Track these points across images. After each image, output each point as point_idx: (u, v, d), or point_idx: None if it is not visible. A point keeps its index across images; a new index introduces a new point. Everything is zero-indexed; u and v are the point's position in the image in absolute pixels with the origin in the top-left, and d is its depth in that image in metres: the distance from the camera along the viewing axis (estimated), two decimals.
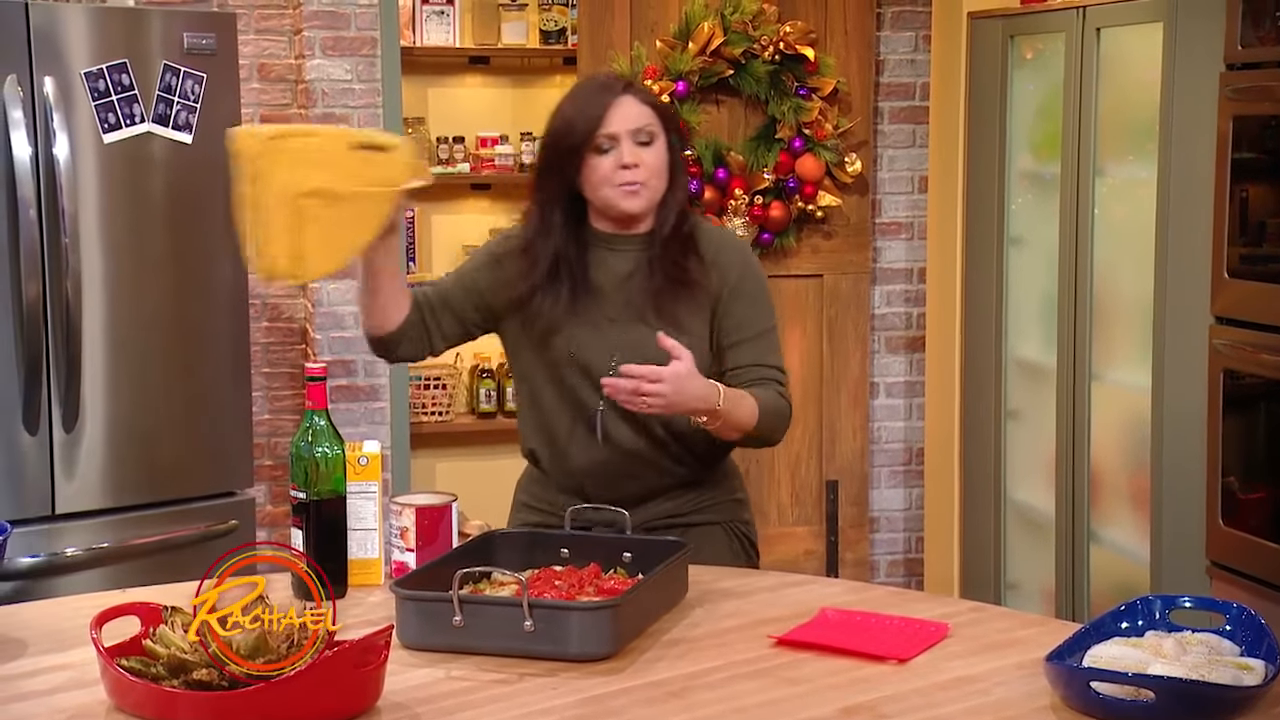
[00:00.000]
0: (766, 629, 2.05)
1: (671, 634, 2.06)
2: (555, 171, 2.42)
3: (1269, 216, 3.28)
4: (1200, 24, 3.33)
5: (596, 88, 2.42)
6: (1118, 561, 3.79)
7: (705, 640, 2.04)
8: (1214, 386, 3.31)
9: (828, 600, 2.17)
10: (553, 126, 2.42)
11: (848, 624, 2.06)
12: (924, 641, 1.99)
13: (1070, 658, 1.83)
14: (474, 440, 5.25)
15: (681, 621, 2.11)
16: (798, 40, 4.46)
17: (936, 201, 4.56)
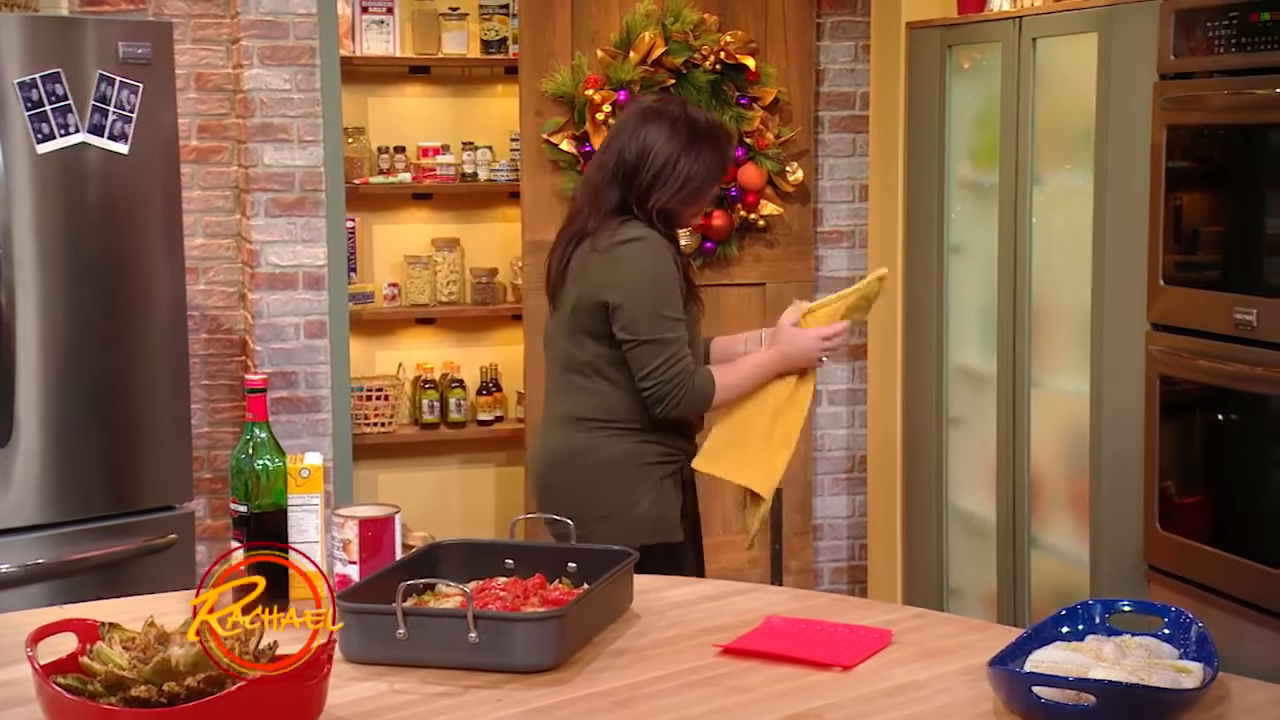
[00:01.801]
0: (712, 638, 2.05)
1: (617, 644, 2.06)
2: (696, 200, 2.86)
3: (1202, 224, 3.33)
4: (1134, 35, 3.37)
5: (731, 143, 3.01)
6: (1058, 566, 3.83)
7: (651, 650, 2.04)
8: (1150, 392, 3.36)
9: (772, 608, 2.17)
10: (714, 167, 2.83)
11: (792, 632, 2.06)
12: (868, 648, 2.00)
13: (1012, 662, 1.84)
14: (417, 451, 5.22)
15: (627, 631, 2.10)
16: (738, 50, 4.48)
17: (877, 210, 4.60)
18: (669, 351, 2.76)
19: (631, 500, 2.85)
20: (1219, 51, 3.12)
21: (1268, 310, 2.99)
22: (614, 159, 2.81)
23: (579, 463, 2.87)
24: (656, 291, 2.75)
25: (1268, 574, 3.02)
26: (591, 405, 2.85)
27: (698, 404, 2.83)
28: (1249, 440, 3.22)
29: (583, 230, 2.83)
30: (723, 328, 4.63)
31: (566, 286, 2.85)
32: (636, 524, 2.83)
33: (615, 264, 2.77)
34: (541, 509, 2.89)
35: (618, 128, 2.88)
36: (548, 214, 4.55)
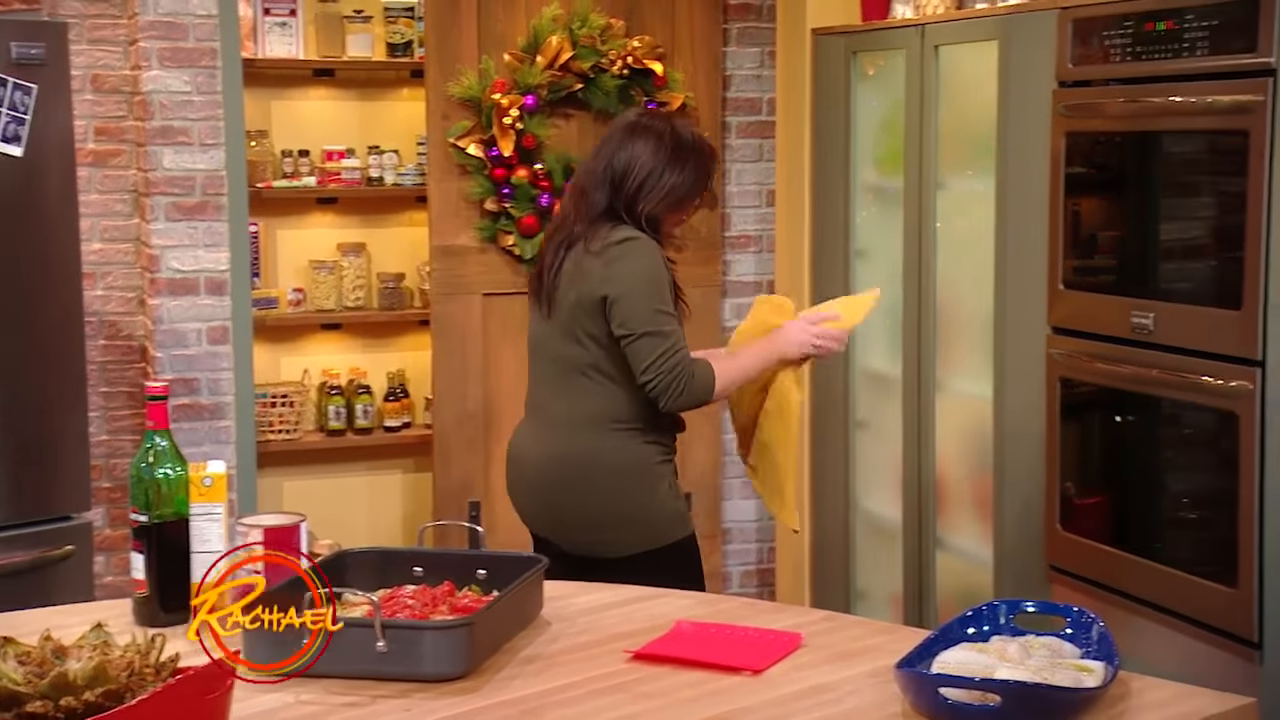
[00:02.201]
0: (622, 644, 2.05)
1: (527, 651, 2.05)
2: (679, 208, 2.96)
3: (1100, 229, 3.40)
4: (1033, 43, 3.43)
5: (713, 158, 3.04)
6: (963, 567, 3.88)
7: (561, 656, 2.03)
8: (1051, 395, 3.41)
9: (682, 613, 2.18)
10: (697, 179, 2.94)
11: (702, 636, 2.07)
12: (778, 652, 2.01)
13: (920, 664, 1.86)
14: (323, 459, 5.17)
15: (537, 638, 2.10)
16: (646, 55, 4.49)
17: (784, 215, 4.63)
18: (667, 343, 2.81)
19: (650, 500, 2.90)
20: (1115, 60, 3.18)
21: (1165, 314, 3.05)
22: (603, 167, 2.91)
23: (594, 466, 2.89)
24: (651, 288, 2.82)
25: (1165, 573, 3.08)
26: (601, 407, 2.88)
27: (701, 393, 2.86)
28: (1146, 442, 3.29)
29: (571, 235, 2.91)
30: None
31: (562, 290, 2.90)
32: (657, 524, 2.90)
33: (611, 262, 2.83)
34: (546, 512, 2.95)
35: (606, 140, 2.98)
36: (455, 218, 4.53)
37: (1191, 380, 2.97)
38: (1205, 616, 2.97)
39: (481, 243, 4.53)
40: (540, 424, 2.98)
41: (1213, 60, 2.91)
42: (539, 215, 4.48)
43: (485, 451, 4.57)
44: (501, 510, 4.60)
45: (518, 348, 4.59)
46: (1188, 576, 3.02)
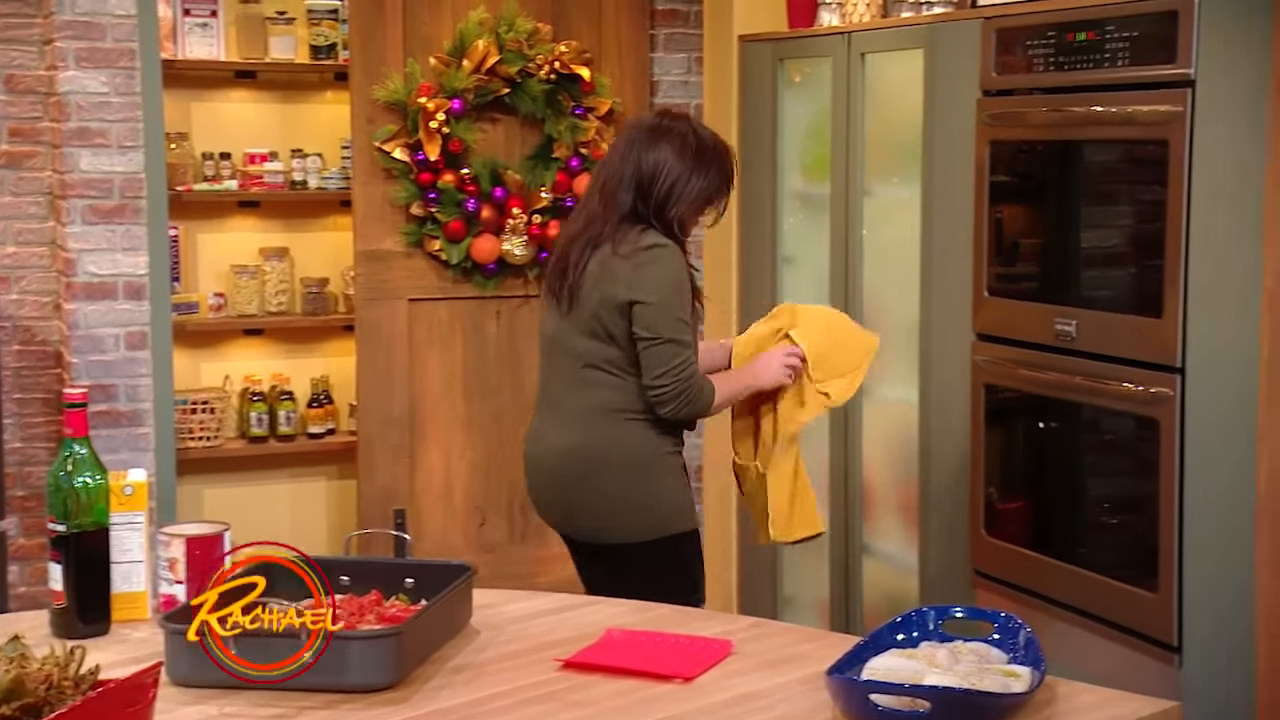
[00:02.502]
0: (552, 652, 2.05)
1: (456, 660, 2.04)
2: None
3: (1024, 237, 3.44)
4: (958, 52, 3.47)
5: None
6: (889, 573, 3.91)
7: (491, 666, 2.02)
8: (976, 401, 3.45)
9: (612, 621, 2.17)
10: (721, 180, 2.99)
11: (633, 644, 2.07)
12: (708, 659, 2.01)
13: (850, 671, 1.87)
14: (244, 466, 5.11)
15: (466, 647, 2.09)
16: (573, 60, 4.48)
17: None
18: (686, 354, 2.90)
19: (658, 490, 2.96)
20: (1038, 69, 3.22)
21: (1087, 321, 3.09)
22: (630, 170, 2.95)
23: (609, 455, 2.94)
24: (678, 296, 2.89)
25: (1087, 578, 3.12)
26: (616, 398, 2.93)
27: (702, 407, 2.97)
28: (1069, 448, 3.33)
29: (598, 236, 2.94)
30: None
31: (586, 289, 2.94)
32: (664, 514, 2.96)
33: (640, 267, 2.88)
34: (562, 509, 3.01)
35: (629, 142, 3.01)
36: (380, 223, 4.50)
37: (1113, 387, 3.01)
38: (1126, 621, 3.02)
39: (407, 247, 4.51)
40: (555, 418, 3.02)
41: (1133, 71, 2.96)
42: (465, 220, 4.46)
43: (410, 458, 4.55)
44: (427, 518, 4.58)
45: (443, 353, 4.58)
46: (1109, 581, 3.06)
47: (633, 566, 2.92)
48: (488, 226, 4.48)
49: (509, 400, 4.63)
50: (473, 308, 4.58)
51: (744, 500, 3.23)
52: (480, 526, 4.64)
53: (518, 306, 4.62)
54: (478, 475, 4.63)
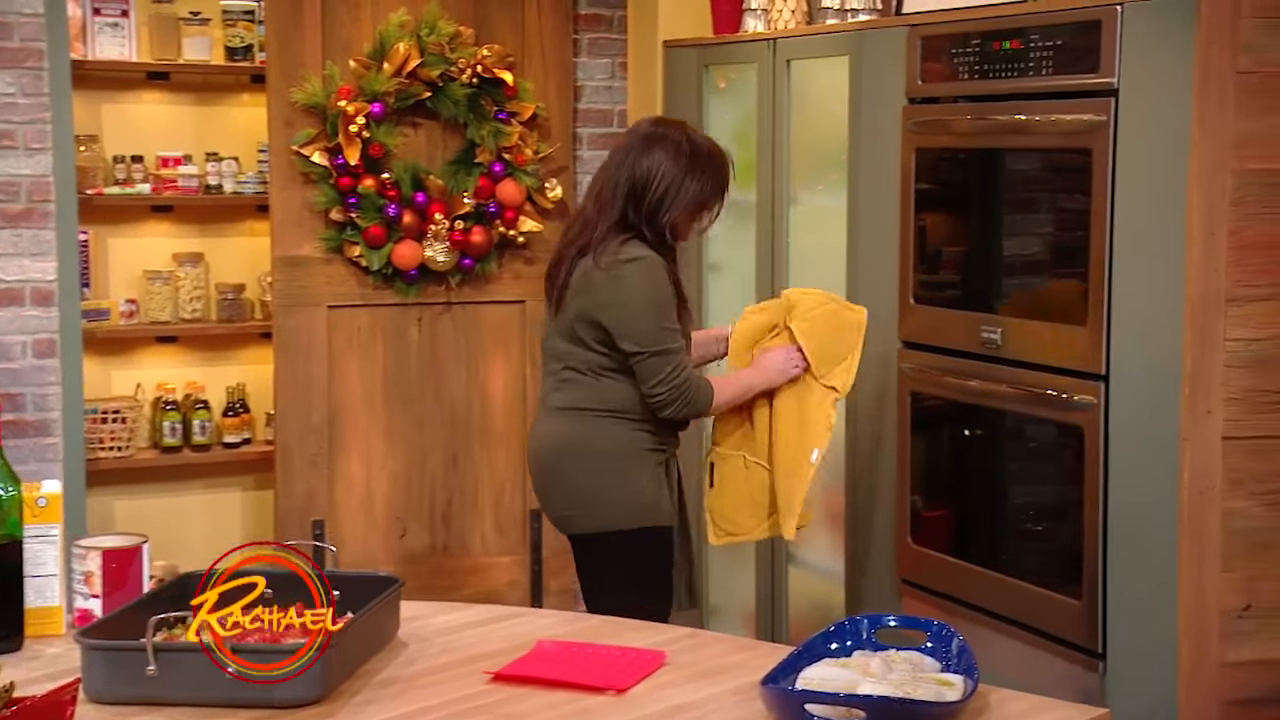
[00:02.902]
0: (482, 664, 2.03)
1: (384, 674, 2.02)
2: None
3: (950, 245, 3.48)
4: (883, 59, 3.50)
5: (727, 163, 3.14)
6: (815, 581, 3.93)
7: (420, 679, 2.00)
8: (902, 408, 3.48)
9: (542, 632, 2.16)
10: (715, 185, 3.08)
11: (564, 656, 2.06)
12: (641, 671, 2.01)
13: (784, 680, 1.88)
14: (157, 476, 5.04)
15: (394, 660, 2.07)
16: (495, 64, 4.47)
17: None
18: (675, 360, 3.02)
19: (632, 484, 3.05)
20: (963, 78, 3.26)
21: (1012, 329, 3.13)
22: (625, 176, 3.05)
23: (582, 450, 3.08)
24: (656, 309, 3.00)
25: (1012, 585, 3.16)
26: (591, 396, 3.06)
27: (701, 407, 3.10)
28: (994, 455, 3.37)
29: (587, 244, 3.05)
30: (484, 344, 4.63)
31: (569, 298, 3.06)
32: (636, 507, 3.06)
33: (618, 282, 2.99)
34: (542, 498, 3.18)
35: (624, 149, 3.11)
36: (299, 228, 4.46)
37: (1038, 394, 3.05)
38: (1051, 627, 3.05)
39: (326, 253, 4.47)
40: (544, 415, 3.17)
41: (1057, 79, 3.00)
42: (386, 225, 4.43)
43: (330, 468, 4.51)
44: (347, 529, 4.54)
45: (363, 361, 4.55)
46: (1034, 588, 3.10)
47: (601, 557, 3.06)
48: (409, 232, 4.45)
49: (431, 409, 4.61)
50: (394, 315, 4.55)
51: (710, 494, 3.32)
52: (401, 538, 4.61)
53: (440, 313, 4.59)
54: (399, 485, 4.59)
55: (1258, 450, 2.78)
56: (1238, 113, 2.71)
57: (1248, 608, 2.80)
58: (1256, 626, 2.80)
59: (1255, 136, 2.72)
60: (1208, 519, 2.78)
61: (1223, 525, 2.78)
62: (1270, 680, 2.82)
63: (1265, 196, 2.74)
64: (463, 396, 4.63)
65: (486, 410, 4.66)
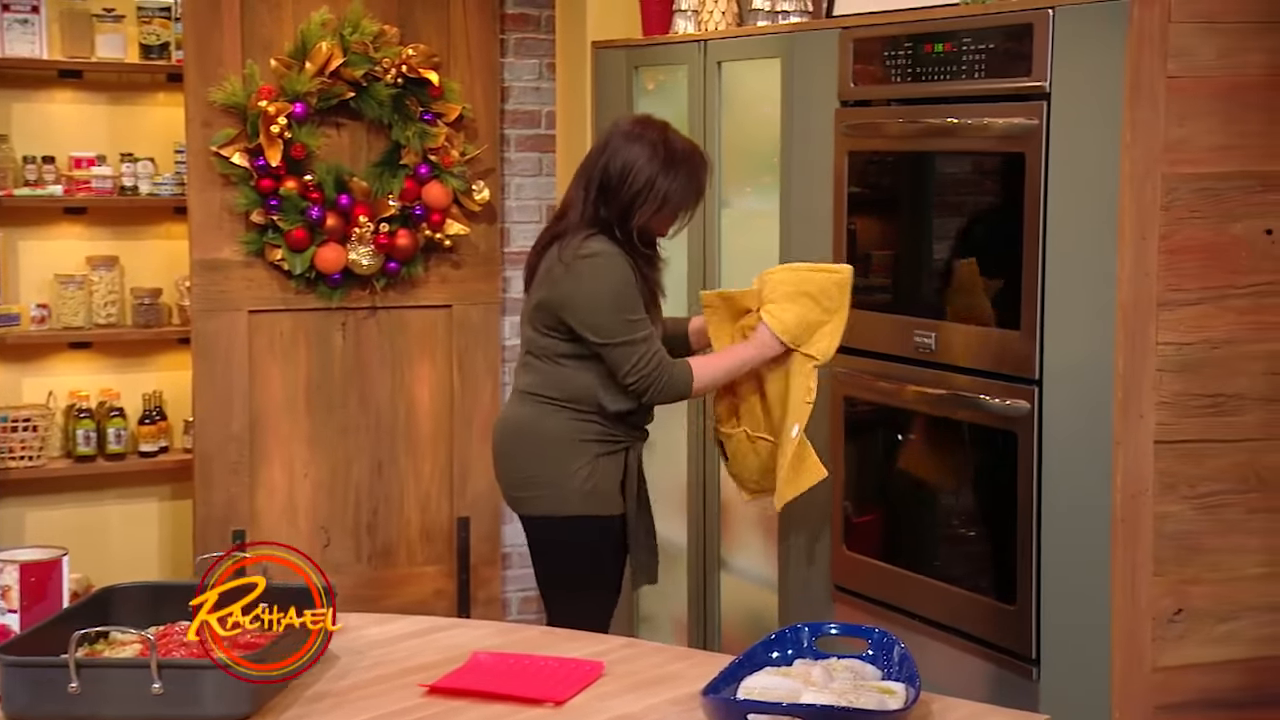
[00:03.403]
0: (416, 677, 2.02)
1: (315, 688, 2.00)
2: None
3: (883, 249, 3.50)
4: (815, 61, 3.52)
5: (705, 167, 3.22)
6: (747, 589, 3.94)
7: (353, 693, 1.98)
8: (835, 413, 3.50)
9: (477, 643, 2.15)
10: (690, 187, 3.17)
11: (500, 667, 2.05)
12: (579, 682, 2.00)
13: (725, 690, 1.88)
14: (70, 486, 4.95)
15: (326, 674, 2.05)
16: (421, 64, 4.45)
17: None
18: (642, 349, 3.10)
19: (567, 471, 3.17)
20: (895, 80, 3.28)
21: (946, 334, 3.16)
22: (599, 170, 3.16)
23: (525, 433, 3.23)
24: (614, 301, 3.09)
25: (946, 591, 3.19)
26: (541, 382, 3.20)
27: (679, 389, 3.17)
28: (928, 460, 3.40)
29: (559, 231, 3.18)
30: (410, 350, 4.60)
31: (535, 286, 3.21)
32: (570, 494, 3.17)
33: (574, 278, 3.10)
34: (496, 472, 3.32)
35: (603, 144, 3.21)
36: (218, 231, 4.41)
37: (971, 399, 3.08)
38: (985, 634, 3.08)
39: (247, 257, 4.43)
40: (510, 397, 3.36)
41: (989, 83, 3.03)
42: (309, 228, 4.39)
43: (251, 476, 4.46)
44: (269, 538, 4.49)
45: (286, 366, 4.51)
46: (968, 594, 3.13)
47: (542, 540, 3.21)
48: (332, 235, 4.42)
49: (355, 415, 4.57)
50: (317, 319, 4.52)
51: (728, 466, 3.44)
52: (325, 547, 4.57)
53: (364, 318, 4.57)
54: (322, 494, 4.56)
55: (1189, 454, 2.83)
56: (1168, 117, 2.76)
57: (1179, 612, 2.84)
58: (1187, 631, 2.85)
59: (1184, 141, 2.77)
60: (1140, 523, 2.81)
61: (1155, 529, 2.82)
62: (1201, 684, 2.86)
63: (1194, 201, 2.79)
64: (388, 403, 4.61)
65: (412, 417, 4.64)
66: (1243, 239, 2.79)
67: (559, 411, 3.18)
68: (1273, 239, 2.81)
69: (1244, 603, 2.87)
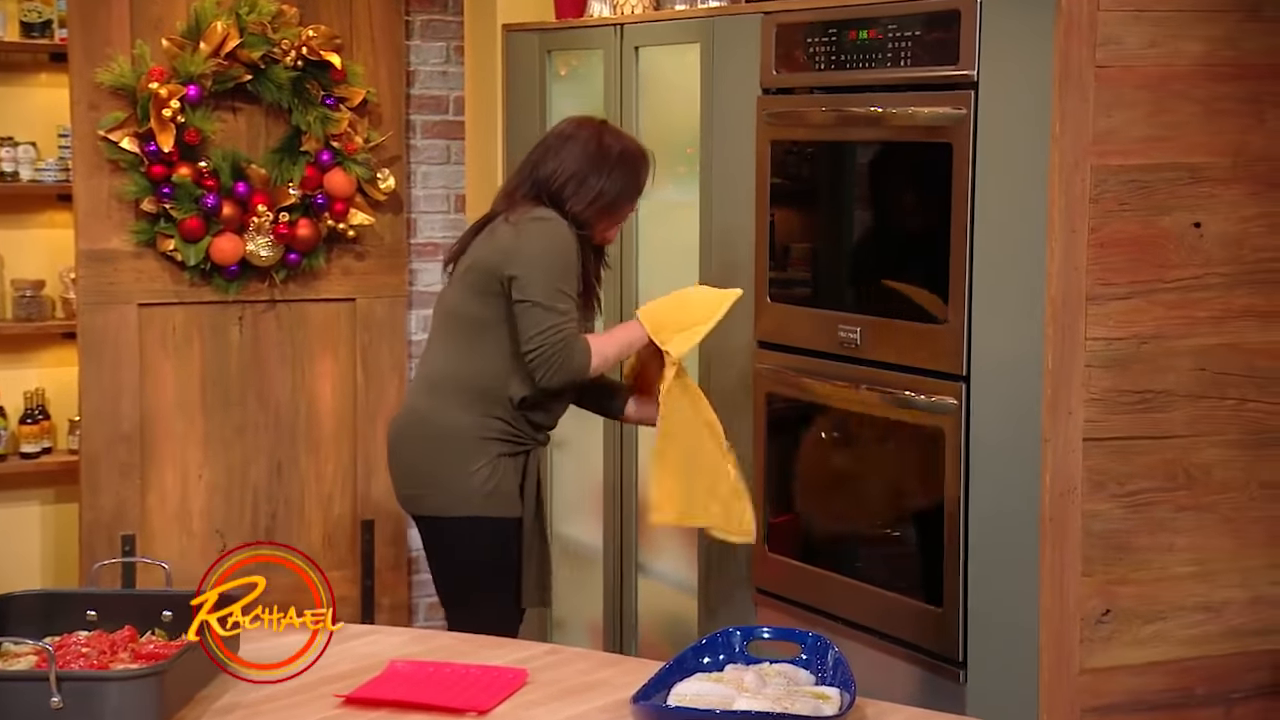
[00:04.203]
0: (332, 687, 2.00)
1: (223, 700, 1.98)
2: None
3: (807, 242, 3.52)
4: (737, 47, 3.53)
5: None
6: (666, 592, 3.95)
7: (264, 705, 1.96)
8: (758, 411, 3.51)
9: (394, 651, 2.14)
10: (626, 186, 3.22)
11: (419, 676, 2.04)
12: (502, 690, 2.00)
13: (655, 696, 1.88)
14: None
15: (235, 685, 2.02)
16: (322, 46, 4.41)
17: None
18: (556, 319, 3.08)
19: (466, 471, 3.15)
20: (819, 68, 3.30)
21: (871, 329, 3.18)
22: (530, 168, 3.24)
23: (425, 427, 3.20)
24: (557, 264, 3.10)
25: (871, 593, 3.21)
26: (451, 366, 3.19)
27: (576, 370, 3.13)
28: (852, 458, 3.42)
29: (493, 214, 3.23)
30: (311, 345, 4.56)
31: (470, 251, 3.20)
32: (470, 494, 3.14)
33: (521, 233, 3.12)
34: (390, 468, 3.29)
35: (539, 147, 3.28)
36: (106, 220, 4.36)
37: (897, 396, 3.11)
38: (911, 637, 3.11)
39: (137, 247, 4.38)
40: (411, 388, 3.39)
41: (916, 71, 3.06)
42: (204, 217, 4.34)
43: (141, 478, 4.41)
44: (160, 544, 4.44)
45: (179, 363, 4.45)
46: (894, 596, 3.16)
47: (440, 543, 3.20)
48: (229, 225, 4.37)
49: (254, 413, 4.53)
50: (213, 313, 4.47)
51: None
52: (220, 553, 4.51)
53: (262, 312, 4.52)
54: (218, 496, 4.51)
55: (1118, 451, 2.87)
56: (1097, 107, 2.80)
57: (1107, 613, 2.89)
58: (1115, 632, 2.89)
59: (1113, 132, 2.81)
60: (1068, 522, 2.85)
61: (1084, 528, 2.86)
62: (1129, 686, 2.91)
63: (1123, 193, 2.83)
64: (288, 400, 4.57)
65: (314, 415, 4.60)
66: (1171, 232, 2.84)
67: (463, 405, 3.15)
68: (1201, 232, 2.86)
69: (1172, 603, 2.92)
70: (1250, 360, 2.91)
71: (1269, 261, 2.90)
